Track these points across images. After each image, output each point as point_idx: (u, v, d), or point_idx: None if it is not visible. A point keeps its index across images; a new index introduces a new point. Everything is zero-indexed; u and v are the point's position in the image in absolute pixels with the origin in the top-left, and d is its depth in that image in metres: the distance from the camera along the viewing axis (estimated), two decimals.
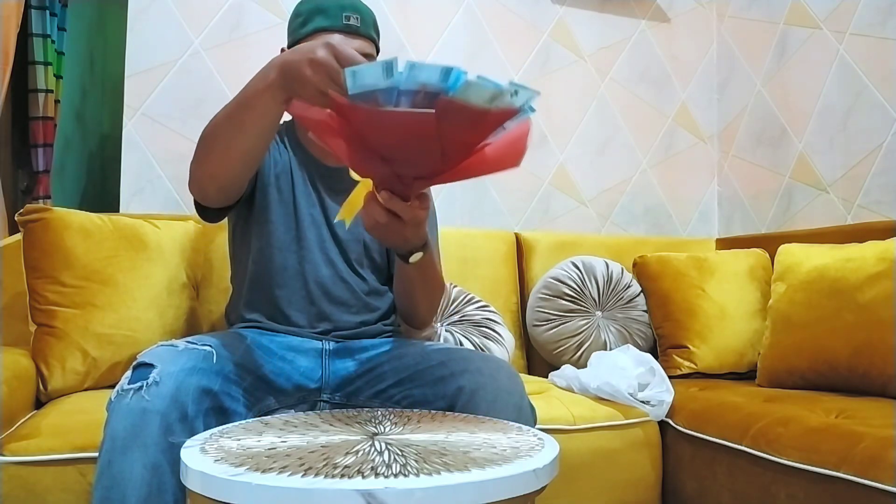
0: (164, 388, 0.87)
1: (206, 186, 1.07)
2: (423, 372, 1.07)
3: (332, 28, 1.15)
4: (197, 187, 1.08)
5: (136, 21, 1.92)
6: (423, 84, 0.71)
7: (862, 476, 1.09)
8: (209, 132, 1.02)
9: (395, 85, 0.72)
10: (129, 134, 1.90)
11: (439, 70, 0.71)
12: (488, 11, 2.30)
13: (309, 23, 1.17)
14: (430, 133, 0.73)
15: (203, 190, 1.08)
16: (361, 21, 1.17)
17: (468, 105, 0.71)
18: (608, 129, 2.46)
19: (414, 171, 0.83)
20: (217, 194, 1.09)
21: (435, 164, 0.81)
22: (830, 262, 1.66)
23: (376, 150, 0.80)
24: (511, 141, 0.82)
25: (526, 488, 0.67)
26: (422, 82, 0.71)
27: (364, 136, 0.78)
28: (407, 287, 1.21)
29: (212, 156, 1.02)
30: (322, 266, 1.21)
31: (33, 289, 1.42)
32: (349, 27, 1.15)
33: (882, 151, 1.95)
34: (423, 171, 0.83)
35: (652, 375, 1.58)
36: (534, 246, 2.14)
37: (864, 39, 2.02)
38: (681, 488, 1.52)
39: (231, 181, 1.06)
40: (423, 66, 0.71)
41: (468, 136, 0.77)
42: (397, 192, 0.85)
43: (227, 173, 1.04)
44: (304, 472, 0.63)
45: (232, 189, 1.09)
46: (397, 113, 0.73)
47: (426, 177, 0.84)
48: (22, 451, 1.08)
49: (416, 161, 0.81)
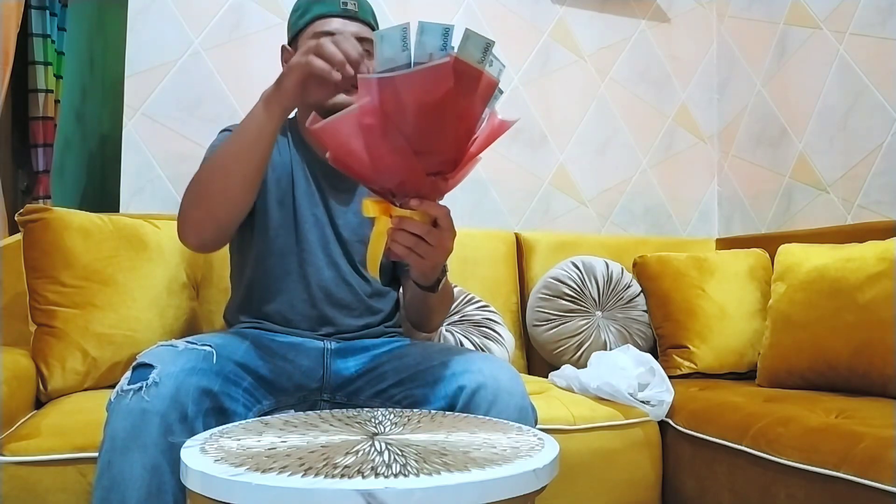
0: (164, 389, 0.87)
1: (204, 229, 1.04)
2: (424, 372, 1.07)
3: (331, 13, 1.17)
4: (194, 231, 1.04)
5: (136, 21, 1.92)
6: (430, 53, 0.80)
7: (862, 476, 1.09)
8: (204, 171, 1.03)
9: (409, 58, 0.80)
10: (129, 134, 1.90)
11: (440, 31, 0.80)
12: (488, 11, 2.30)
13: (308, 13, 1.19)
14: (448, 94, 0.79)
15: (200, 233, 1.04)
16: (359, 6, 1.19)
17: (469, 63, 0.79)
18: (608, 129, 2.46)
19: (436, 157, 0.87)
20: (214, 234, 1.05)
21: (450, 147, 0.87)
22: (830, 262, 1.66)
23: (400, 136, 0.83)
24: (487, 136, 0.90)
25: (526, 488, 0.66)
26: (429, 51, 0.80)
27: (388, 119, 0.82)
28: (425, 308, 1.22)
29: (209, 191, 1.00)
30: (324, 268, 1.20)
31: (33, 289, 1.42)
32: (347, 11, 1.17)
33: (882, 151, 1.95)
34: (441, 157, 0.87)
35: (652, 375, 1.58)
36: (534, 246, 2.14)
37: (864, 39, 2.02)
38: (681, 488, 1.52)
39: (228, 217, 1.03)
40: (428, 30, 0.80)
41: (468, 105, 0.84)
42: (424, 194, 0.89)
43: (225, 208, 1.02)
44: (304, 472, 0.63)
45: (228, 227, 1.06)
46: (420, 71, 0.79)
47: (443, 171, 0.88)
48: (22, 451, 1.08)
49: (437, 143, 0.85)
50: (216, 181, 1.01)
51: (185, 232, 1.05)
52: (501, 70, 0.86)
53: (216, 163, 1.01)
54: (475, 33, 0.79)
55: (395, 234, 0.91)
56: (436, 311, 1.24)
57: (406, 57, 0.81)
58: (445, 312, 1.29)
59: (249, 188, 1.02)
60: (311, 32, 1.18)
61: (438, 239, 0.93)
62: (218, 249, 1.11)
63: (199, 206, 1.02)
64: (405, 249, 0.93)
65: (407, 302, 1.27)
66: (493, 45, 0.80)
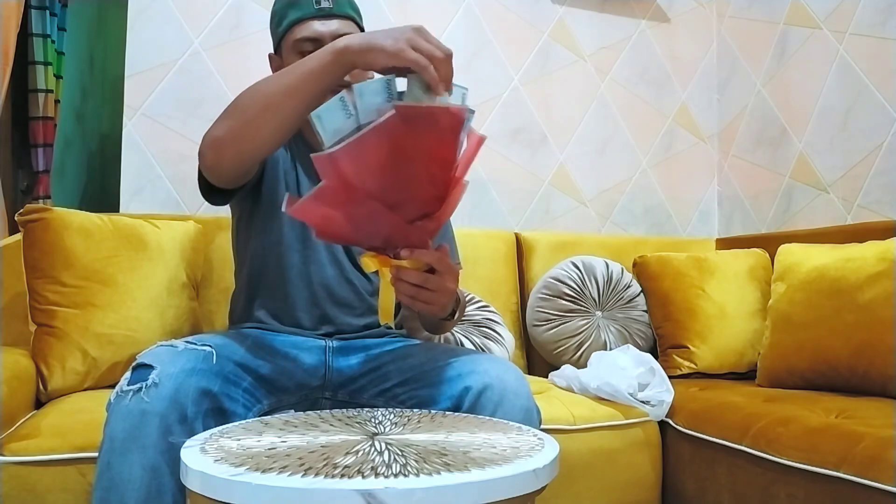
0: (164, 390, 0.87)
1: (225, 150, 0.99)
2: (428, 372, 1.07)
3: (305, 17, 1.15)
4: (213, 151, 1.00)
5: (136, 21, 1.92)
6: (377, 108, 0.78)
7: (862, 476, 1.09)
8: (247, 95, 0.97)
9: (357, 123, 0.79)
10: (129, 134, 1.90)
11: (380, 86, 0.79)
12: (488, 11, 2.30)
13: (284, 20, 1.17)
14: (406, 142, 0.77)
15: (219, 155, 1.00)
16: (335, 2, 1.16)
17: (417, 105, 0.79)
18: (608, 129, 2.46)
19: (415, 206, 0.86)
20: (232, 163, 1.01)
21: (427, 189, 0.84)
22: (830, 262, 1.66)
23: (369, 200, 0.81)
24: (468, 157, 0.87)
25: (526, 488, 0.66)
26: (376, 106, 0.78)
27: (352, 188, 0.79)
28: (440, 325, 1.21)
29: (244, 116, 0.96)
30: (327, 266, 1.20)
31: (33, 289, 1.42)
32: (322, 11, 1.15)
33: (882, 151, 1.95)
34: (422, 201, 0.86)
35: (652, 375, 1.58)
36: (534, 246, 2.14)
37: (864, 39, 2.02)
38: (681, 488, 1.52)
39: (252, 151, 0.99)
40: (367, 88, 0.79)
41: (435, 143, 0.80)
42: (412, 243, 0.88)
43: (252, 139, 0.97)
44: (304, 472, 0.63)
45: (246, 163, 1.02)
46: (368, 133, 0.75)
47: (428, 212, 0.87)
48: (22, 451, 1.08)
49: (411, 190, 0.83)
50: (255, 106, 0.95)
51: (206, 143, 1.01)
52: (465, 93, 0.85)
53: (262, 90, 0.96)
54: (415, 76, 0.79)
55: (395, 284, 0.92)
56: (450, 325, 1.24)
57: (353, 123, 0.80)
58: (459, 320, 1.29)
59: (285, 130, 0.97)
60: (291, 40, 1.17)
61: (437, 284, 0.93)
62: (224, 183, 1.06)
63: (230, 126, 0.98)
64: (409, 298, 0.93)
65: (421, 319, 1.26)
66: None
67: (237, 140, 0.97)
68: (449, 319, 1.13)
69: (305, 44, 1.15)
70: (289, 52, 1.18)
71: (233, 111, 0.99)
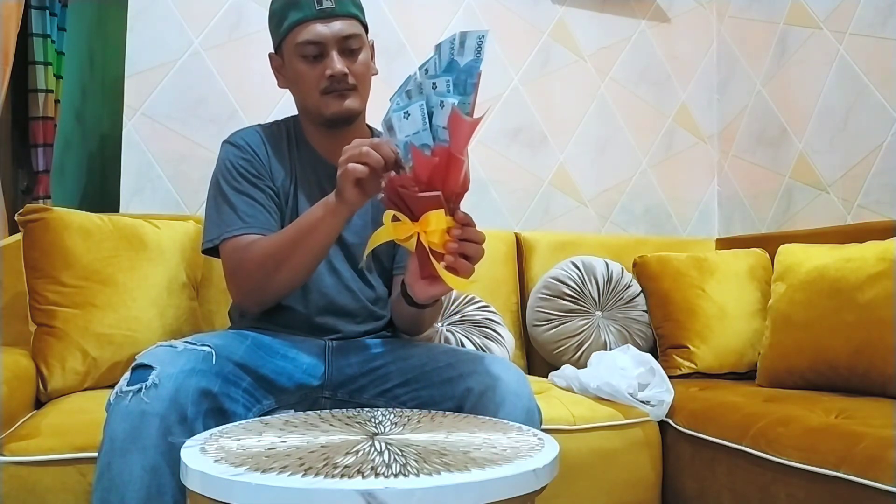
0: (164, 390, 0.87)
1: (264, 300, 1.13)
2: (430, 373, 1.07)
3: (307, 19, 1.12)
4: (253, 302, 1.14)
5: (136, 21, 1.92)
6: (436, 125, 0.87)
7: (862, 476, 1.09)
8: (270, 259, 1.06)
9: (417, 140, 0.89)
10: (129, 134, 1.90)
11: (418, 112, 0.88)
12: (488, 11, 2.30)
13: (284, 20, 1.15)
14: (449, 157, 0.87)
15: (261, 303, 1.14)
16: (337, 1, 1.13)
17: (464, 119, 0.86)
18: (608, 129, 2.46)
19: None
20: (272, 301, 1.14)
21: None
22: (830, 262, 1.66)
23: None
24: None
25: (526, 488, 0.67)
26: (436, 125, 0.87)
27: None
28: (418, 318, 1.19)
29: (277, 277, 1.07)
30: (326, 275, 1.18)
31: (33, 289, 1.41)
32: (323, 12, 1.12)
33: (882, 151, 1.95)
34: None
35: (652, 375, 1.58)
36: (534, 246, 2.14)
37: (864, 39, 2.02)
38: (681, 488, 1.52)
39: (289, 292, 1.13)
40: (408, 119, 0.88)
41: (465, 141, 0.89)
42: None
43: (289, 289, 1.11)
44: (304, 472, 0.63)
45: (281, 297, 1.15)
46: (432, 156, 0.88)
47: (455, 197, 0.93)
48: (22, 451, 1.08)
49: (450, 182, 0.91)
50: (282, 269, 1.06)
51: (243, 301, 1.16)
52: (482, 38, 0.88)
53: (285, 251, 1.05)
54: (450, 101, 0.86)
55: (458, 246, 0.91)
56: (427, 321, 1.22)
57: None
58: (436, 319, 1.28)
59: (309, 273, 1.10)
60: (292, 43, 1.14)
61: (478, 250, 0.93)
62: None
63: (262, 282, 1.09)
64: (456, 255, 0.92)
65: (396, 314, 1.24)
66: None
67: (276, 293, 1.11)
68: (429, 306, 1.09)
69: (308, 47, 1.13)
70: (290, 56, 1.16)
71: (261, 273, 1.08)
